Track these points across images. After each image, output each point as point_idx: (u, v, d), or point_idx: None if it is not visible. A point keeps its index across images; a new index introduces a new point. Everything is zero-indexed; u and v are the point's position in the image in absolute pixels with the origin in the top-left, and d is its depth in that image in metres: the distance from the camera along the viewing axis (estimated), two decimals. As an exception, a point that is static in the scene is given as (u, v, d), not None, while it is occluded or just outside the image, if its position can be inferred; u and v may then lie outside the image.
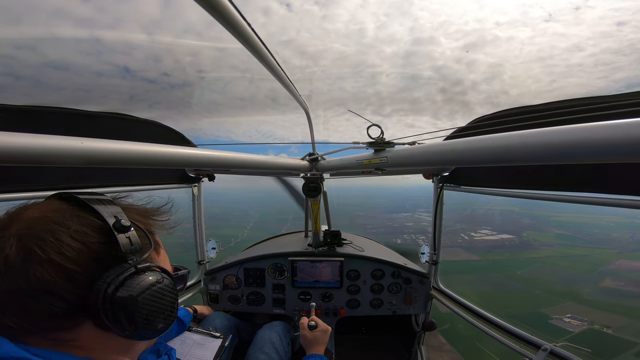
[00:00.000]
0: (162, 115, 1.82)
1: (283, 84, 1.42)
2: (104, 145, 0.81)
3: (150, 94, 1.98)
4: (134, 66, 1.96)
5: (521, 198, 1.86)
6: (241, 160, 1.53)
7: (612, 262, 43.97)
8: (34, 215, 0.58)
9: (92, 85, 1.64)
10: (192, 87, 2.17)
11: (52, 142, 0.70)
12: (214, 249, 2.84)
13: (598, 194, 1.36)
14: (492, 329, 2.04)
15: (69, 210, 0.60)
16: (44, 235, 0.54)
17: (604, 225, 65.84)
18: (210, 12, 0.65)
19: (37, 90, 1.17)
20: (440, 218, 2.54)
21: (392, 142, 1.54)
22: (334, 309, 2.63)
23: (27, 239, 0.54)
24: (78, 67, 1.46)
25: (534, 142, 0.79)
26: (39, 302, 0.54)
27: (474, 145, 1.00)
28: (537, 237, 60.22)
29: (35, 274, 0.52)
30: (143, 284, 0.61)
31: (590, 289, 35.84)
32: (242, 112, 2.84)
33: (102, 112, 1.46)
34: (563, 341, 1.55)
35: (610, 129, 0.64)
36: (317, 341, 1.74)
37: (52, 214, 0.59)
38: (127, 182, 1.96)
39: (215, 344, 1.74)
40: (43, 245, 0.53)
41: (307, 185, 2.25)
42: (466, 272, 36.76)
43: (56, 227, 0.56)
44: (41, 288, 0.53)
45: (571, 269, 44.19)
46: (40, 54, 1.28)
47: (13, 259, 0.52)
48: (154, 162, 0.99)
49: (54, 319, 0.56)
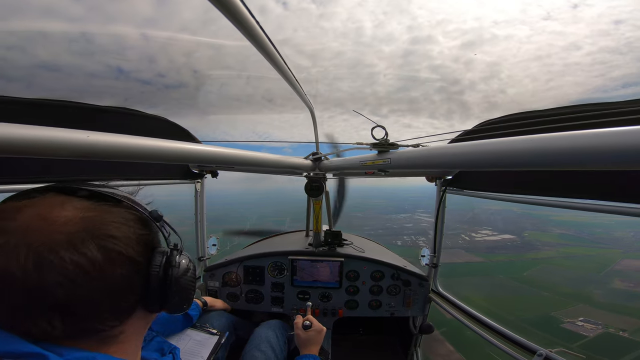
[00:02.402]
0: (167, 111, 1.82)
1: (290, 83, 1.41)
2: (109, 138, 0.82)
3: (146, 94, 1.98)
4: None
5: (526, 204, 1.85)
6: (245, 158, 1.53)
7: (619, 262, 43.41)
8: (78, 214, 0.56)
9: (85, 85, 1.65)
10: (195, 85, 2.18)
11: (58, 135, 0.71)
12: (215, 245, 2.85)
13: (605, 202, 1.34)
14: (488, 333, 2.03)
15: (106, 206, 0.62)
16: (113, 233, 0.57)
17: (605, 224, 65.13)
18: (221, 10, 0.65)
19: (30, 92, 1.15)
20: (442, 221, 2.52)
21: (396, 144, 1.53)
22: (332, 309, 2.62)
23: (100, 239, 0.55)
24: (71, 67, 1.46)
25: (540, 147, 0.78)
26: (119, 299, 0.58)
27: (478, 149, 0.99)
28: (539, 237, 59.65)
29: (120, 272, 0.57)
30: (185, 262, 0.71)
31: (600, 291, 35.25)
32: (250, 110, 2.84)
33: (111, 107, 1.48)
34: (579, 346, 1.54)
35: (619, 136, 0.63)
36: (311, 341, 1.73)
37: (94, 212, 0.59)
38: (131, 176, 1.96)
39: (212, 341, 1.74)
40: (118, 242, 0.57)
41: (310, 184, 2.24)
42: (470, 275, 36.31)
43: (120, 226, 0.59)
44: (124, 284, 0.58)
45: (577, 270, 43.66)
46: (31, 55, 1.27)
47: (99, 260, 0.54)
48: (159, 157, 0.99)
49: (122, 314, 0.60)
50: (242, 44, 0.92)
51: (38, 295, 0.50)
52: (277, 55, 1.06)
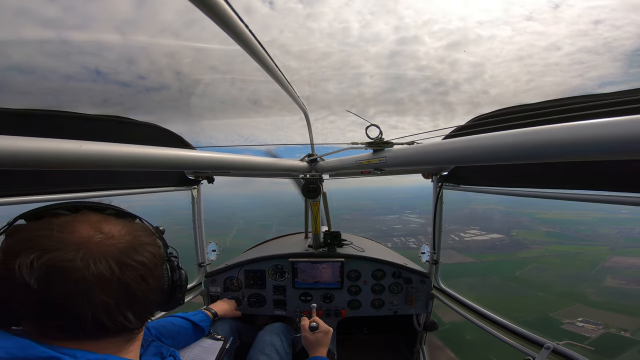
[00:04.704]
0: (159, 118, 1.81)
1: (282, 85, 1.41)
2: (103, 148, 0.81)
3: (138, 99, 1.96)
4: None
5: (522, 196, 1.86)
6: (240, 162, 1.53)
7: (608, 260, 43.80)
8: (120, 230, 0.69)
9: (61, 89, 1.61)
10: (180, 89, 2.16)
11: (50, 146, 0.69)
12: (214, 251, 2.83)
13: (598, 192, 1.36)
14: (493, 328, 2.03)
15: (130, 224, 0.76)
16: (147, 241, 0.73)
17: (589, 222, 65.76)
18: (207, 13, 0.65)
19: (4, 97, 1.13)
20: (440, 217, 2.54)
21: (390, 142, 1.54)
22: (335, 310, 2.62)
23: (143, 247, 0.71)
24: (45, 69, 1.42)
25: (532, 140, 0.79)
26: (157, 298, 0.75)
27: (473, 143, 1.00)
28: (527, 235, 60.08)
29: (159, 274, 0.75)
30: (181, 266, 0.87)
31: (594, 289, 35.32)
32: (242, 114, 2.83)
33: (101, 115, 1.46)
34: (589, 350, 1.54)
35: (607, 126, 0.64)
36: (319, 343, 1.73)
37: (134, 229, 0.74)
38: (127, 185, 1.95)
39: (216, 346, 1.73)
40: (151, 249, 0.73)
41: (307, 186, 2.24)
42: (464, 275, 36.32)
43: (149, 239, 0.75)
44: (160, 284, 0.76)
45: (568, 268, 44.01)
46: (3, 57, 1.25)
47: (148, 262, 0.70)
48: (154, 165, 0.99)
49: (150, 313, 0.75)
50: (233, 48, 0.92)
51: (123, 292, 0.63)
52: (267, 58, 1.06)
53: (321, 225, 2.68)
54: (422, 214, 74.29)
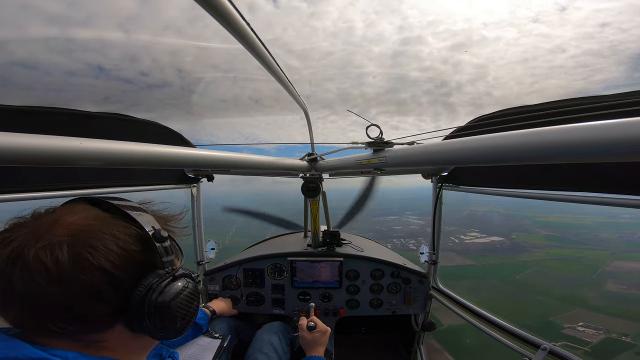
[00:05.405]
0: (160, 115, 1.81)
1: (282, 84, 1.41)
2: (104, 145, 0.81)
3: (134, 95, 1.96)
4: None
5: (522, 198, 1.86)
6: (240, 161, 1.53)
7: (609, 264, 43.62)
8: (78, 222, 0.61)
9: (63, 85, 1.61)
10: (183, 88, 2.16)
11: (51, 143, 0.69)
12: (213, 249, 2.84)
13: (599, 194, 1.36)
14: (490, 328, 2.03)
15: (110, 219, 0.65)
16: (94, 243, 0.59)
17: (590, 226, 65.31)
18: (210, 12, 0.65)
19: (6, 91, 1.13)
20: (439, 218, 2.54)
21: (391, 142, 1.54)
22: (333, 309, 2.62)
23: (77, 246, 0.57)
24: (48, 65, 1.43)
25: (533, 141, 0.79)
26: (84, 306, 0.58)
27: (473, 144, 1.00)
28: (527, 238, 59.80)
29: (86, 279, 0.56)
30: (178, 289, 0.68)
31: (594, 294, 35.15)
32: (243, 112, 2.84)
33: (101, 113, 1.46)
34: (585, 352, 1.53)
35: (609, 128, 0.64)
36: (317, 342, 1.73)
37: (95, 221, 0.62)
38: (127, 182, 1.95)
39: (214, 345, 1.74)
40: (94, 252, 0.58)
41: (307, 185, 2.24)
42: (464, 278, 36.19)
43: (104, 235, 0.60)
44: (90, 293, 0.57)
45: (569, 272, 43.86)
46: (6, 52, 1.25)
47: (66, 264, 0.55)
48: (153, 162, 0.99)
49: (93, 322, 0.61)
50: (235, 47, 0.92)
51: (4, 288, 0.54)
52: (269, 57, 1.06)
53: (320, 224, 2.69)
54: (422, 215, 73.95)
